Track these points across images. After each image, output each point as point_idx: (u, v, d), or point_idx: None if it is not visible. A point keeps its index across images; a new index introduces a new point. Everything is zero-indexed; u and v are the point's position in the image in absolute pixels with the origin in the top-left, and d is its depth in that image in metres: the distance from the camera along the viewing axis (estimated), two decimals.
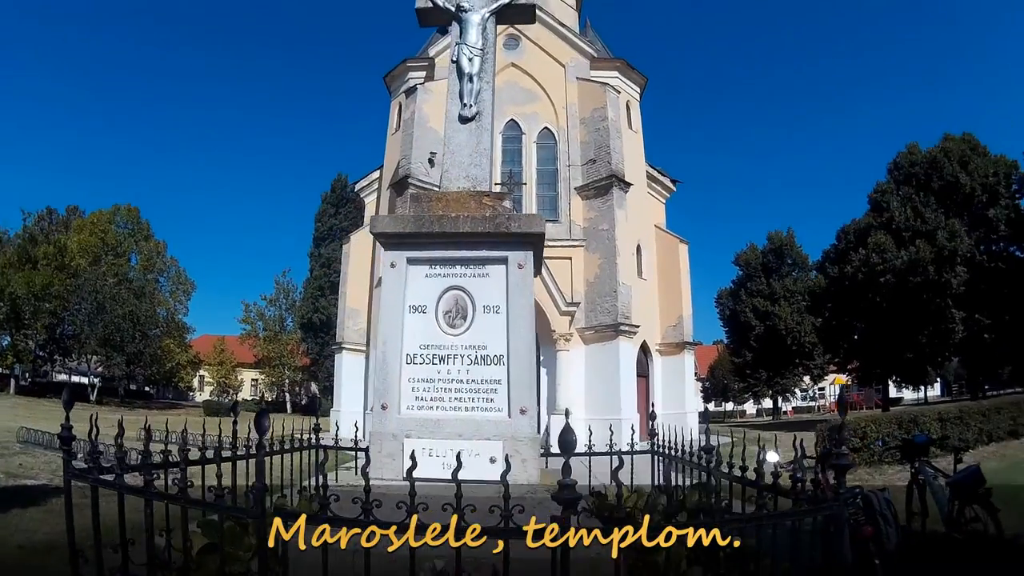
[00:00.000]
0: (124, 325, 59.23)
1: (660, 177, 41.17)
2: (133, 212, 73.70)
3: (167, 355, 68.88)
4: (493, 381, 6.41)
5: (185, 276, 74.48)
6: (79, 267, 61.46)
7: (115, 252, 68.30)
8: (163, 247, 73.87)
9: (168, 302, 71.35)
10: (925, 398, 71.82)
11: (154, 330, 65.80)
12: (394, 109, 38.99)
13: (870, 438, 19.52)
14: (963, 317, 42.85)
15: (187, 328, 75.04)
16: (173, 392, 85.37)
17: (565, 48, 36.55)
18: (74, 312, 60.73)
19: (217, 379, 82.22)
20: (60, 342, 64.32)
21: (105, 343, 59.75)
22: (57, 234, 67.80)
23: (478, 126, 7.34)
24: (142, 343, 62.47)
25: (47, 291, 58.39)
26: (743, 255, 72.43)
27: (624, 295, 32.61)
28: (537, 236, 6.65)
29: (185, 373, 77.39)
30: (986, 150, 48.05)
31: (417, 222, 6.58)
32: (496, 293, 6.54)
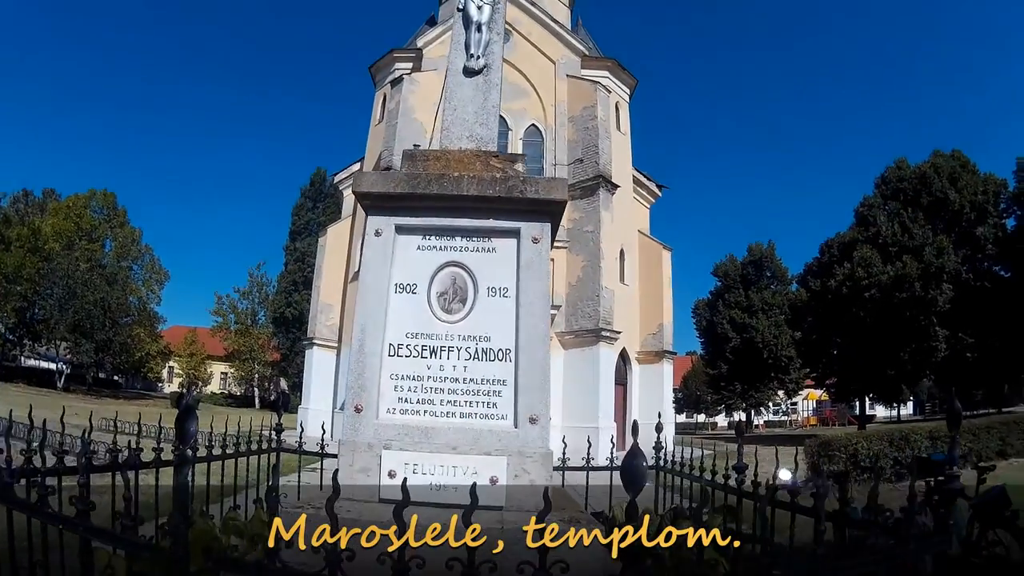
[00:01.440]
0: (95, 312, 57.76)
1: (646, 182, 40.49)
2: (110, 197, 72.16)
3: (137, 344, 67.29)
4: (497, 381, 5.09)
5: (159, 265, 73.09)
6: (52, 251, 59.85)
7: (89, 237, 66.69)
8: (138, 234, 72.32)
9: (140, 290, 69.81)
10: (898, 416, 71.52)
11: (125, 318, 64.30)
12: (378, 100, 38.08)
13: (861, 455, 19.29)
14: (947, 335, 42.31)
15: (158, 318, 73.47)
16: (142, 382, 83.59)
17: (556, 45, 35.80)
18: (45, 296, 59.11)
19: (186, 371, 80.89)
20: (30, 326, 62.69)
21: (75, 329, 58.25)
22: (32, 216, 66.21)
23: (486, 80, 6.10)
24: (112, 331, 60.93)
25: (19, 273, 56.95)
26: (722, 266, 71.78)
27: (606, 300, 31.84)
28: (558, 205, 5.34)
29: (154, 363, 75.95)
30: (975, 167, 47.77)
31: (411, 181, 5.26)
32: (504, 272, 5.25)
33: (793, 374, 66.42)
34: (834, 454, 19.73)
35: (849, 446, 19.77)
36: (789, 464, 6.16)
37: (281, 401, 8.14)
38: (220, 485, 6.80)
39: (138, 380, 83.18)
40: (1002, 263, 45.42)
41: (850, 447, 19.71)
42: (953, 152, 48.88)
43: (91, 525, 3.28)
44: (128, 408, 45.04)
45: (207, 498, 6.40)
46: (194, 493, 6.31)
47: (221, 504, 6.50)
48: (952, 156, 48.37)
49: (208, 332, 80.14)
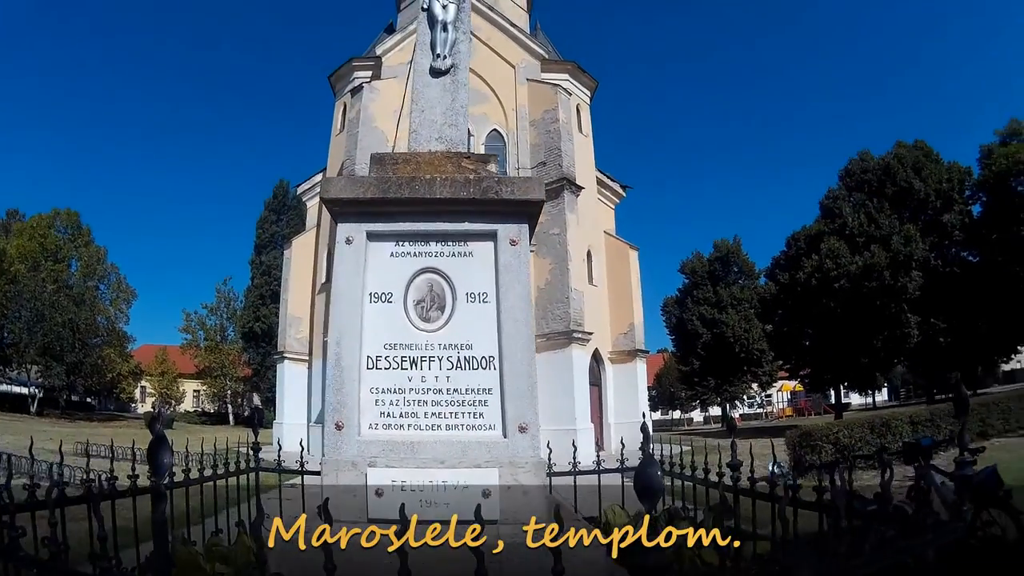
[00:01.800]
0: (64, 333, 56.82)
1: (610, 183, 40.52)
2: (73, 216, 71.10)
3: (108, 365, 66.43)
4: (482, 390, 4.87)
5: (126, 284, 72.12)
6: (18, 272, 58.87)
7: (55, 257, 65.68)
8: (103, 253, 71.18)
9: (108, 310, 68.87)
10: (873, 403, 71.97)
11: (95, 339, 63.36)
12: (338, 109, 37.81)
13: (842, 444, 19.17)
14: (919, 321, 42.58)
15: (128, 337, 72.48)
16: (115, 403, 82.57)
17: (516, 49, 35.72)
18: (12, 320, 58.12)
19: (159, 390, 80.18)
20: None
21: (45, 352, 57.27)
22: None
23: (453, 81, 5.89)
24: (82, 352, 59.97)
25: None
26: (689, 263, 71.91)
27: (576, 302, 31.75)
28: (535, 205, 5.12)
29: (127, 384, 75.12)
30: (939, 157, 48.16)
31: (381, 185, 5.02)
32: (482, 277, 5.03)
33: (766, 367, 66.62)
34: (816, 444, 19.68)
35: (831, 435, 19.70)
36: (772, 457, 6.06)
37: (256, 418, 7.90)
38: (200, 506, 6.59)
39: (111, 401, 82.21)
40: (969, 248, 45.79)
41: (831, 436, 19.63)
42: (916, 142, 49.13)
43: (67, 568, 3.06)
44: (102, 430, 44.56)
45: (188, 520, 6.18)
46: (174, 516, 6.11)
47: (203, 526, 6.27)
48: (915, 146, 48.66)
49: (178, 350, 79.57)
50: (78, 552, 3.46)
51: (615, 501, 6.83)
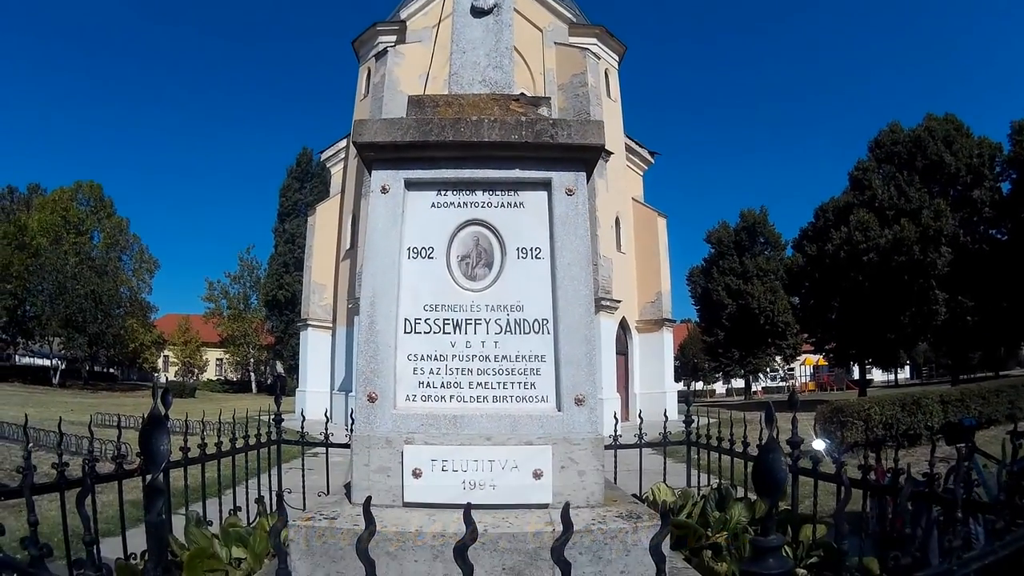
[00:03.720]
0: (86, 305, 57.57)
1: (638, 149, 40.08)
2: (96, 189, 71.85)
3: (130, 335, 67.10)
4: (534, 357, 4.29)
5: (148, 254, 72.88)
6: (40, 246, 59.35)
7: (77, 230, 66.64)
8: (126, 224, 72.17)
9: (131, 280, 69.64)
10: (895, 380, 71.72)
11: (117, 310, 64.11)
12: (363, 75, 37.38)
13: (874, 421, 18.85)
14: (946, 299, 42.01)
15: (150, 307, 73.25)
16: (138, 373, 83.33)
17: (543, 12, 35.19)
18: (35, 293, 58.76)
19: (182, 359, 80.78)
20: (22, 324, 62.31)
21: (67, 324, 58.06)
22: (18, 213, 65.72)
23: (497, 21, 5.32)
24: (104, 323, 60.71)
25: (7, 271, 57.06)
26: (715, 233, 71.56)
27: (605, 269, 31.40)
28: (594, 151, 4.56)
29: (149, 354, 76.11)
30: (969, 131, 47.56)
31: (421, 127, 4.43)
32: (535, 230, 4.45)
33: (790, 339, 66.44)
34: (848, 420, 19.28)
35: (862, 412, 19.34)
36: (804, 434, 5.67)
37: (279, 386, 7.46)
38: (217, 478, 6.20)
39: (134, 371, 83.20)
40: (998, 226, 45.26)
41: (863, 413, 19.26)
42: (946, 116, 48.56)
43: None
44: (125, 400, 44.83)
45: (203, 495, 5.79)
46: (190, 488, 5.71)
47: (219, 502, 5.88)
48: (946, 119, 48.06)
49: (201, 319, 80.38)
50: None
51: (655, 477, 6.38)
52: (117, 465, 4.72)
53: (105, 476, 4.60)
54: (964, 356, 50.68)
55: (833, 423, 19.59)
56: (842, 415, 19.66)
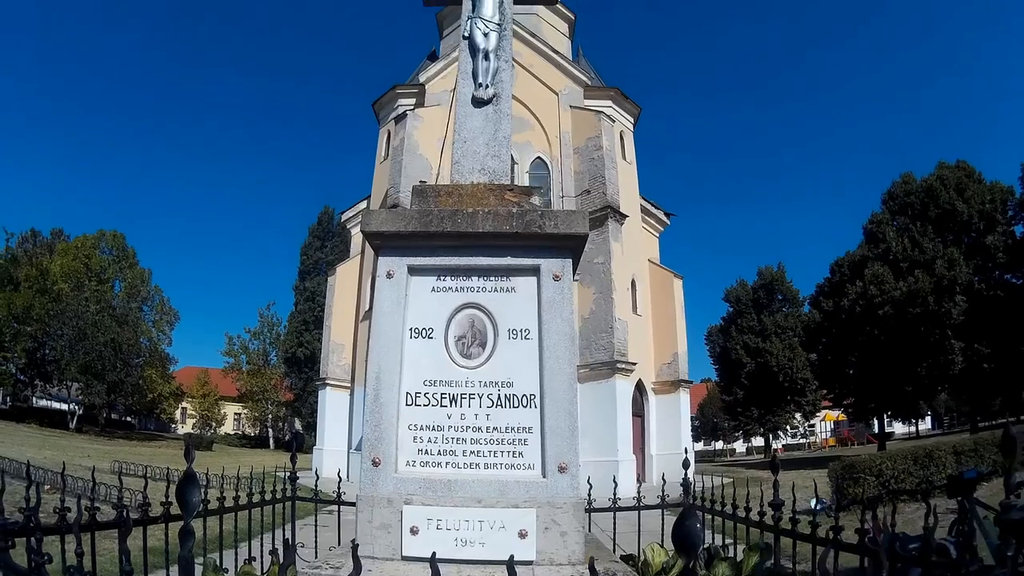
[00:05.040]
0: (106, 353, 57.78)
1: (654, 210, 40.42)
2: (119, 238, 72.58)
3: (149, 385, 67.35)
4: (522, 428, 4.75)
5: (169, 306, 73.35)
6: (61, 291, 60.19)
7: (99, 278, 67.17)
8: (148, 275, 72.68)
9: (151, 331, 69.94)
10: (916, 432, 71.11)
11: (136, 359, 64.36)
12: (383, 137, 38.08)
13: (886, 476, 18.87)
14: (962, 347, 41.94)
15: (170, 359, 73.49)
16: (155, 423, 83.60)
17: (558, 76, 35.83)
18: (55, 337, 59.18)
19: (200, 412, 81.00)
20: (41, 367, 62.80)
21: (86, 370, 58.16)
22: (40, 257, 66.34)
23: (496, 111, 5.83)
24: (123, 372, 60.92)
25: (28, 314, 57.65)
26: (733, 291, 71.61)
27: (620, 331, 31.59)
28: (579, 239, 5.02)
29: (167, 405, 76.17)
30: (981, 177, 47.59)
31: (423, 219, 4.94)
32: (525, 313, 4.92)
33: (809, 396, 66.15)
34: (859, 476, 19.36)
35: (873, 467, 19.29)
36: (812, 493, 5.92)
37: (295, 443, 7.85)
38: (234, 530, 6.57)
39: (151, 421, 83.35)
40: (1013, 271, 45.12)
41: (875, 468, 19.22)
42: (958, 163, 48.75)
43: None
44: (141, 450, 45.28)
45: (220, 545, 6.18)
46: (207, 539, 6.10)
47: (235, 552, 6.26)
48: (957, 167, 48.24)
49: (220, 373, 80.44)
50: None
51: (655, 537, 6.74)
52: (143, 512, 5.11)
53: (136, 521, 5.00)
54: (984, 403, 50.33)
55: (846, 480, 19.68)
56: (854, 471, 19.71)
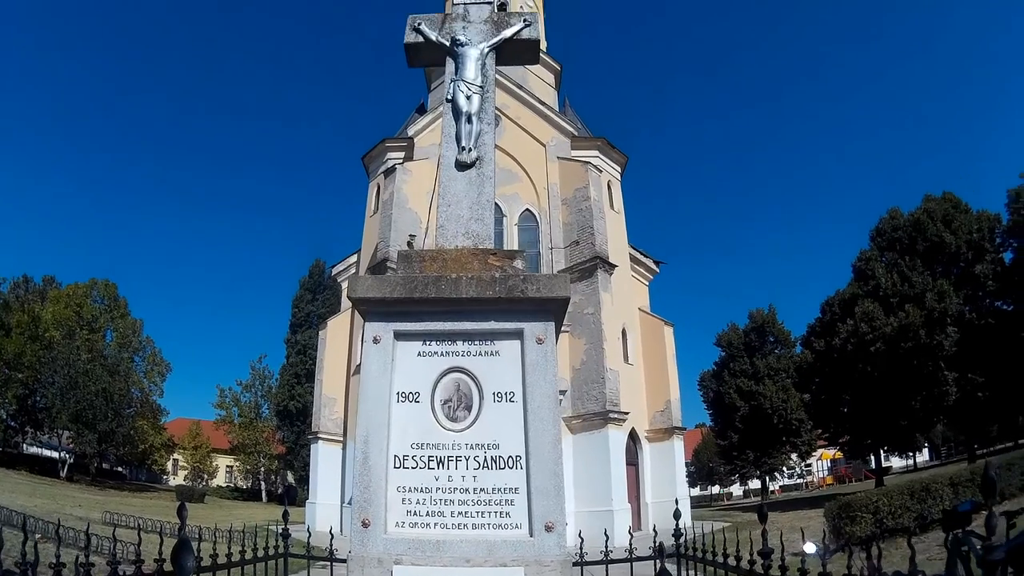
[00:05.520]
0: (97, 402, 57.58)
1: (643, 259, 40.67)
2: (111, 288, 72.55)
3: (140, 436, 66.97)
4: (509, 489, 4.84)
5: (160, 357, 73.05)
6: (53, 339, 59.99)
7: (90, 327, 67.10)
8: (139, 326, 72.48)
9: (143, 382, 69.70)
10: (914, 464, 71.07)
11: (128, 409, 64.05)
12: (372, 191, 38.30)
13: (883, 513, 18.97)
14: (956, 378, 41.92)
15: (161, 410, 73.21)
16: (147, 474, 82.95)
17: (546, 127, 36.21)
18: (46, 384, 59.06)
19: (191, 464, 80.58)
20: (31, 414, 62.56)
21: (77, 419, 57.91)
22: (32, 303, 66.20)
23: (479, 174, 5.99)
24: (115, 422, 60.52)
25: (19, 360, 57.50)
26: (725, 336, 71.58)
27: (612, 381, 31.68)
28: (561, 302, 5.14)
29: (159, 456, 75.79)
30: (968, 207, 47.70)
31: (408, 285, 5.09)
32: (509, 376, 5.03)
33: (805, 436, 65.82)
34: (856, 515, 19.36)
35: (870, 505, 19.40)
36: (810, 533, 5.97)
37: (288, 498, 7.91)
38: None
39: (143, 471, 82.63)
40: (1003, 298, 45.29)
41: (871, 506, 19.34)
42: (944, 194, 48.97)
43: None
44: (132, 501, 44.96)
45: None
46: None
47: None
48: (944, 198, 48.45)
49: (212, 425, 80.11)
50: None
51: None
52: (136, 568, 5.15)
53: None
54: (981, 431, 50.30)
55: (843, 519, 19.70)
56: (850, 510, 19.71)
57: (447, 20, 6.91)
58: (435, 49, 6.77)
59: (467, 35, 6.64)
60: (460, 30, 6.76)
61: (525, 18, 6.98)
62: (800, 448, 69.48)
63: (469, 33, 6.70)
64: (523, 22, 6.91)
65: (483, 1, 7.08)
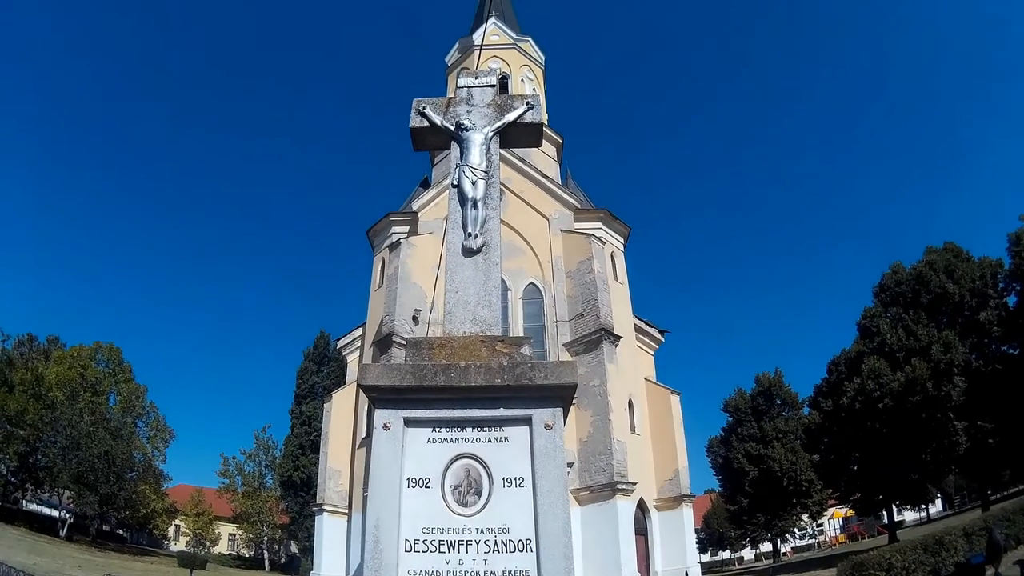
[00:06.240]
0: (99, 464, 56.50)
1: (648, 328, 40.55)
2: (115, 352, 71.92)
3: (142, 500, 66.09)
4: (519, 572, 4.85)
5: (164, 423, 72.31)
6: (56, 399, 59.43)
7: (94, 389, 66.20)
8: (143, 391, 71.62)
9: (146, 447, 68.93)
10: (928, 516, 70.13)
11: (130, 473, 63.07)
12: (377, 264, 38.39)
13: (896, 569, 18.66)
14: (965, 427, 41.40)
15: (164, 476, 72.35)
16: (148, 538, 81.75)
17: (549, 200, 36.40)
18: (48, 443, 58.25)
19: (193, 530, 79.77)
20: (32, 471, 61.60)
21: (78, 480, 56.94)
22: (36, 362, 65.57)
23: (485, 259, 6.12)
24: (116, 485, 59.39)
25: (22, 417, 56.42)
26: (732, 401, 71.22)
27: (619, 452, 31.41)
28: (569, 389, 5.23)
29: (160, 521, 74.77)
30: (969, 255, 47.34)
31: (417, 373, 5.18)
32: (518, 461, 5.11)
33: (815, 496, 65.11)
34: (870, 574, 19.10)
35: (883, 562, 19.13)
36: None
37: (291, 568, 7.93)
38: None
39: (143, 536, 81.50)
40: (1009, 342, 44.59)
41: (884, 563, 19.07)
42: (946, 245, 48.82)
43: None
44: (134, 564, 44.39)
45: None
46: None
47: None
48: (945, 249, 48.27)
49: (215, 493, 79.38)
50: None
51: None
52: None
53: None
54: (994, 476, 49.68)
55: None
56: (863, 570, 19.44)
57: (451, 104, 7.08)
58: (440, 133, 6.94)
59: (472, 119, 6.81)
60: (464, 114, 6.93)
61: (528, 101, 7.14)
62: (811, 508, 68.73)
63: (473, 117, 6.86)
64: (526, 105, 7.08)
65: (486, 84, 7.25)
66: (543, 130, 6.94)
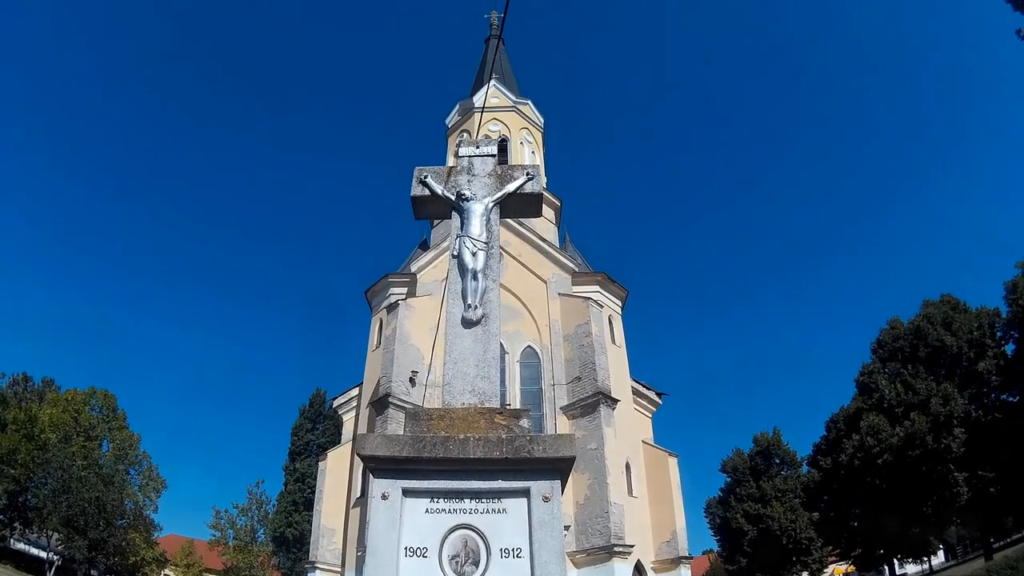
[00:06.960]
0: (89, 509, 56.19)
1: (645, 391, 40.40)
2: (110, 398, 71.53)
3: (132, 548, 65.33)
4: None
5: (156, 473, 71.80)
6: (48, 440, 59.09)
7: (87, 434, 65.79)
8: (136, 440, 71.27)
9: (137, 496, 68.34)
10: (930, 568, 69.32)
11: (120, 520, 62.50)
12: (375, 325, 38.39)
13: None
14: (966, 478, 41.22)
15: (155, 525, 71.60)
16: None
17: (547, 264, 36.57)
18: (39, 484, 57.96)
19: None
20: (21, 511, 60.95)
21: (68, 523, 56.53)
22: (30, 402, 65.18)
23: (485, 331, 6.22)
24: (106, 531, 58.95)
25: (13, 457, 56.24)
26: (730, 461, 70.90)
27: (616, 515, 31.20)
28: (567, 462, 5.30)
29: (150, 570, 73.69)
30: (967, 306, 47.56)
31: (416, 444, 5.23)
32: (516, 533, 5.14)
33: (815, 554, 64.47)
34: None
35: None
36: None
37: None
38: None
39: None
40: (1008, 390, 44.57)
41: None
42: (943, 297, 49.25)
43: None
44: None
45: None
46: None
47: None
48: (943, 301, 48.66)
49: (206, 545, 78.61)
50: None
51: None
52: None
53: None
54: (996, 524, 49.24)
55: None
56: None
57: (452, 173, 7.21)
58: (441, 202, 7.06)
59: (472, 189, 6.94)
60: (465, 184, 7.05)
61: (528, 171, 7.28)
62: (811, 566, 67.96)
63: (474, 187, 6.99)
64: (526, 175, 7.21)
65: (487, 154, 7.39)
66: (542, 201, 7.04)
